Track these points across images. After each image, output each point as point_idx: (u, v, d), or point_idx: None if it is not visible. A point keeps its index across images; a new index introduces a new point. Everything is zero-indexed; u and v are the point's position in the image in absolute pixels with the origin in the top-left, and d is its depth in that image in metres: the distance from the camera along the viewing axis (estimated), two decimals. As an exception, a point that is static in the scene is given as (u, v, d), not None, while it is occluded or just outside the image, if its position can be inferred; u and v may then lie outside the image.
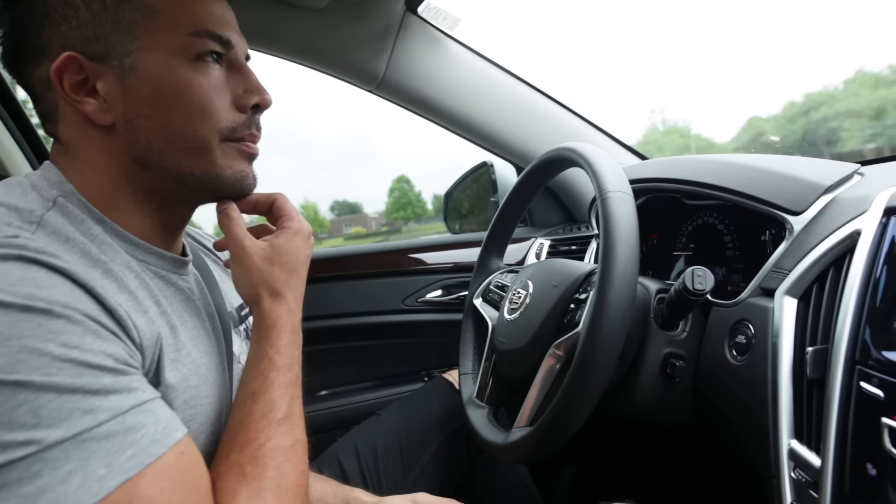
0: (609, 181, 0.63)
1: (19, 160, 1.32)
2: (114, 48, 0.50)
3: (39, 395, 0.36)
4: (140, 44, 0.50)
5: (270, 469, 0.49)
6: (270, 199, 0.63)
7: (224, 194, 0.58)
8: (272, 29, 1.06)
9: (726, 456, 0.79)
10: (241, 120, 0.55)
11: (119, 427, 0.39)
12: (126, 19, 0.49)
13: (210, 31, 0.52)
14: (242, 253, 0.58)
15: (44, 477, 0.36)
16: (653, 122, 31.77)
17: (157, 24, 0.50)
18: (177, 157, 0.52)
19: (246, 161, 0.57)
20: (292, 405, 0.54)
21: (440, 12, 1.11)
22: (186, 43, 0.51)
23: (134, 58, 0.50)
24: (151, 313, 0.49)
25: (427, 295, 1.31)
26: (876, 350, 0.49)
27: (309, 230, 0.63)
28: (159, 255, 0.56)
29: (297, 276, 0.60)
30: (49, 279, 0.40)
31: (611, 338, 0.56)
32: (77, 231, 0.48)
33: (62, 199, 0.49)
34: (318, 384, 1.31)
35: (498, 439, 0.71)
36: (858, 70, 23.49)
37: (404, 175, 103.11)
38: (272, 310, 0.57)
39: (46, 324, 0.38)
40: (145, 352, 0.46)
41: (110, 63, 0.50)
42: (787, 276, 0.62)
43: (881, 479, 0.46)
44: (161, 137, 0.52)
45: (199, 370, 0.53)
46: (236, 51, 0.55)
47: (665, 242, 0.98)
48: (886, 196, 0.56)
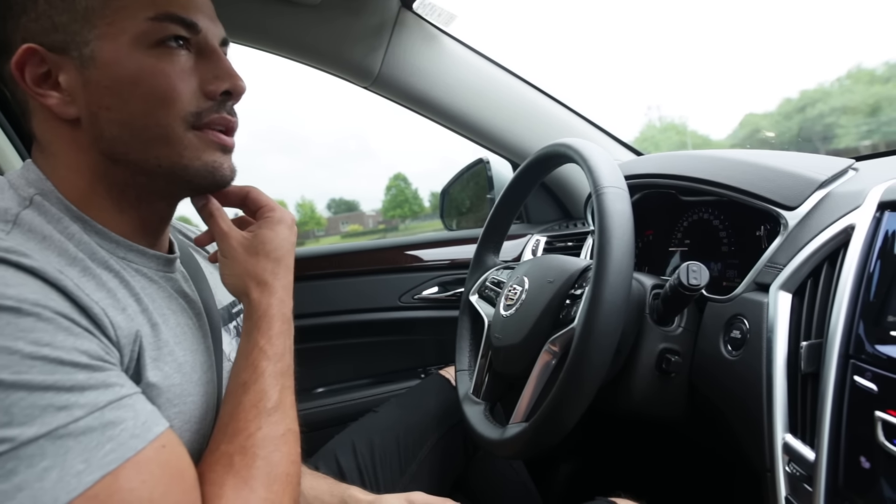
0: (604, 177, 0.63)
1: (13, 159, 1.32)
2: (72, 38, 0.48)
3: (10, 393, 0.36)
4: (98, 32, 0.48)
5: (259, 459, 0.48)
6: (243, 191, 0.62)
7: (197, 187, 0.56)
8: (267, 25, 1.05)
9: (721, 451, 0.80)
10: (207, 106, 0.53)
11: (96, 422, 0.39)
12: (83, 7, 0.48)
13: (172, 14, 0.50)
14: (228, 245, 0.58)
15: (20, 474, 0.35)
16: (649, 119, 31.89)
17: (114, 10, 0.48)
18: (142, 149, 0.51)
19: (217, 151, 0.54)
20: (283, 395, 0.53)
21: (435, 8, 1.11)
22: (146, 28, 0.49)
23: (92, 47, 0.48)
24: (130, 311, 0.49)
25: (423, 292, 1.31)
26: (869, 344, 0.49)
27: (292, 219, 0.62)
28: (141, 253, 0.55)
29: (284, 265, 0.59)
30: (17, 278, 0.40)
31: (606, 334, 0.56)
32: (54, 229, 0.47)
33: (39, 197, 0.49)
34: (315, 381, 1.31)
35: (494, 435, 0.72)
36: (853, 66, 23.55)
37: (401, 173, 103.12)
38: (261, 300, 0.56)
39: (15, 322, 0.38)
40: (123, 349, 0.46)
41: (70, 54, 0.48)
42: (781, 271, 0.62)
43: (875, 473, 0.46)
44: (124, 129, 0.50)
45: (183, 368, 0.53)
46: (206, 35, 0.53)
47: (661, 238, 0.98)
48: (880, 191, 0.56)
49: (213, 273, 0.70)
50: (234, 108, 0.56)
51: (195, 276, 0.64)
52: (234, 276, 0.58)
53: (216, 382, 0.59)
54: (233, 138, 0.56)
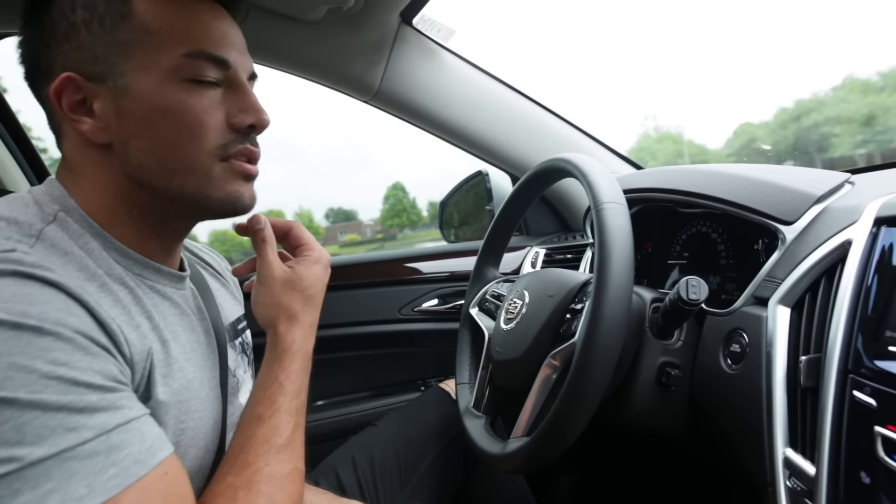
0: (603, 192, 0.63)
1: (18, 178, 1.33)
2: (110, 69, 0.50)
3: (25, 412, 0.37)
4: (134, 64, 0.50)
5: (263, 496, 0.49)
6: (287, 226, 0.65)
7: (218, 214, 0.57)
8: (268, 41, 1.06)
9: (721, 465, 0.80)
10: (232, 138, 0.54)
11: (102, 446, 0.39)
12: (122, 40, 0.50)
13: (205, 53, 0.52)
14: (269, 274, 0.60)
15: (24, 495, 0.36)
16: (646, 129, 32.08)
17: (151, 45, 0.50)
18: (167, 177, 0.52)
19: (241, 181, 0.56)
20: (295, 433, 0.54)
21: (435, 24, 1.12)
22: (179, 64, 0.51)
23: (127, 79, 0.50)
24: (143, 328, 0.50)
25: (423, 304, 1.31)
26: (868, 359, 0.49)
27: (328, 259, 0.65)
28: (156, 270, 0.56)
29: (314, 303, 0.62)
30: (43, 294, 0.41)
31: (607, 348, 0.57)
32: (75, 245, 0.48)
33: (63, 213, 0.50)
34: (315, 394, 1.30)
35: (495, 449, 0.71)
36: (848, 76, 23.73)
37: (399, 182, 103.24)
38: (288, 333, 0.58)
39: (36, 341, 0.38)
40: (135, 367, 0.47)
41: (106, 84, 0.50)
42: (780, 285, 0.62)
43: (875, 488, 0.46)
44: (151, 157, 0.52)
45: (191, 385, 0.53)
46: (236, 70, 0.55)
47: (660, 251, 0.98)
48: (876, 206, 0.56)
49: (219, 290, 0.71)
50: (256, 139, 0.57)
51: (203, 292, 0.65)
52: (267, 306, 0.60)
53: (221, 398, 0.60)
54: (256, 166, 0.57)
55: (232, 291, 0.75)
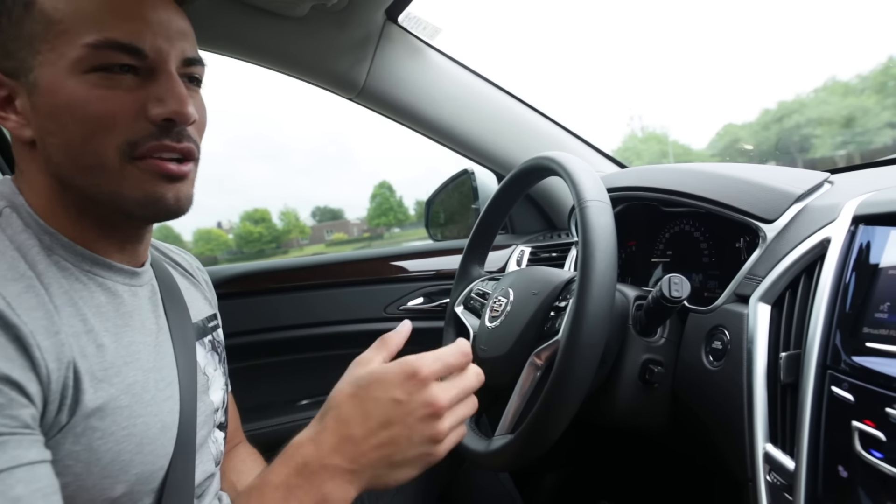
0: (587, 190, 0.64)
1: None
2: (21, 64, 0.48)
3: None
4: (41, 59, 0.48)
5: None
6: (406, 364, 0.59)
7: (140, 217, 0.54)
8: (252, 37, 1.05)
9: (703, 461, 0.81)
10: (146, 132, 0.50)
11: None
12: (28, 33, 0.48)
13: (111, 41, 0.47)
14: (365, 364, 0.59)
15: None
16: (632, 129, 32.35)
17: (55, 36, 0.47)
18: (82, 176, 0.50)
19: (160, 181, 0.51)
20: None
21: (420, 22, 1.12)
22: (83, 55, 0.47)
23: (35, 73, 0.48)
24: (66, 334, 0.46)
25: (409, 303, 1.31)
26: (846, 355, 0.50)
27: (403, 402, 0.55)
28: (107, 266, 0.54)
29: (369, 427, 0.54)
30: None
31: (590, 346, 0.57)
32: (10, 244, 0.47)
33: (9, 209, 0.49)
34: (300, 393, 1.29)
35: (480, 447, 0.71)
36: (829, 78, 24.15)
37: (386, 181, 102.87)
38: (324, 440, 0.52)
39: None
40: (51, 374, 0.43)
41: (20, 80, 0.49)
42: (760, 282, 0.63)
43: (852, 481, 0.47)
44: (66, 155, 0.49)
45: (132, 389, 0.50)
46: (157, 57, 0.50)
47: (643, 249, 0.99)
48: (854, 205, 0.57)
49: (188, 289, 0.69)
50: (187, 133, 0.53)
51: (169, 290, 0.63)
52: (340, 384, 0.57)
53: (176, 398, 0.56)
54: (185, 165, 0.53)
55: (203, 291, 0.73)
